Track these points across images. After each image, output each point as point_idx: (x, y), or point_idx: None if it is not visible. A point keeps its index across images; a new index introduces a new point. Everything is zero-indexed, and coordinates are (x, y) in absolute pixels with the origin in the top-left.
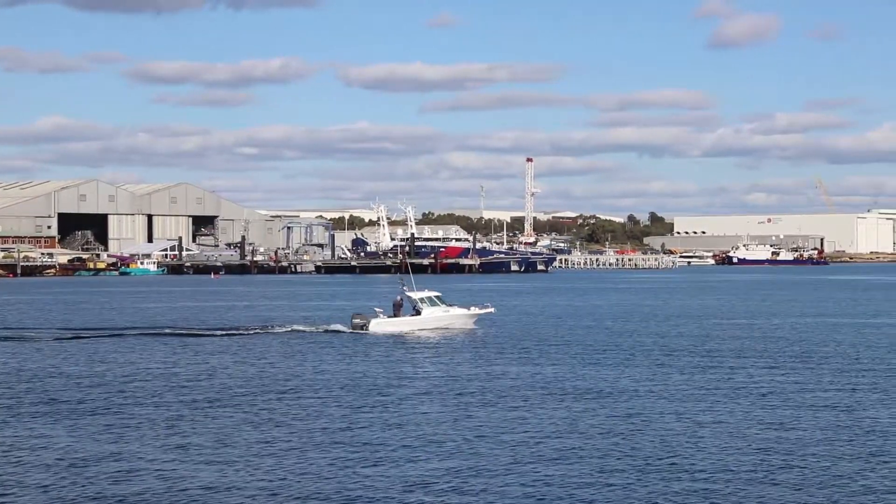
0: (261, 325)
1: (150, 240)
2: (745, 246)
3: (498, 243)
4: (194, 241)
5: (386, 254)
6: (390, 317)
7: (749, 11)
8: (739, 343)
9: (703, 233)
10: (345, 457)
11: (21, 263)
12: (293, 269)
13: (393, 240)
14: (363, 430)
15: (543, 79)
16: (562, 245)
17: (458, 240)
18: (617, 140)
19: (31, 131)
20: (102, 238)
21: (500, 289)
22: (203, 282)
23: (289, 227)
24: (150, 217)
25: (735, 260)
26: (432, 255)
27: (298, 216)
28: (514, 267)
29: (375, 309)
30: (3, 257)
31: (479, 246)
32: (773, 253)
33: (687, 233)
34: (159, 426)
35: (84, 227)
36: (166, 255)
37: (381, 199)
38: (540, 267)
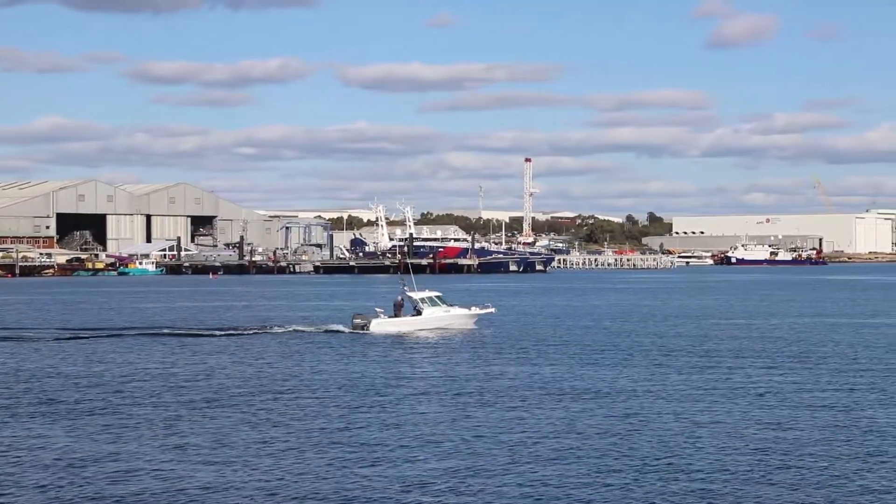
0: (260, 326)
1: (148, 240)
2: (743, 246)
3: (496, 243)
4: (193, 241)
5: (384, 254)
6: (391, 317)
7: (748, 11)
8: (738, 343)
9: (702, 233)
10: (343, 457)
11: (19, 264)
12: (292, 270)
13: (391, 240)
14: (361, 430)
15: (542, 79)
16: (560, 245)
17: (456, 240)
18: (615, 140)
19: (29, 131)
20: (101, 238)
21: (498, 289)
22: (201, 282)
23: (287, 228)
24: (148, 217)
25: (733, 260)
26: (431, 256)
27: (297, 216)
28: (513, 267)
29: (376, 309)
30: (2, 257)
31: (477, 246)
32: (771, 253)
33: (685, 233)
34: (157, 426)
35: (82, 227)
36: (165, 255)
37: (380, 199)
38: (538, 267)
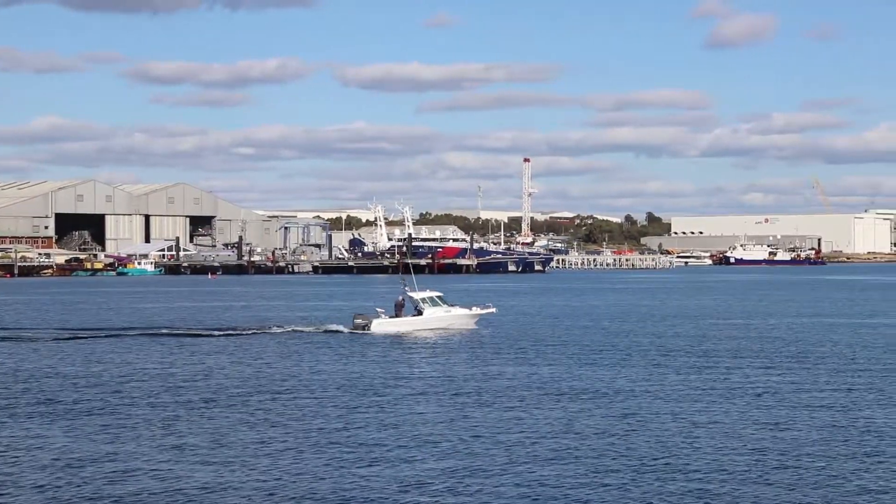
0: (259, 326)
1: (147, 240)
2: (742, 246)
3: (495, 243)
4: (191, 241)
5: (383, 254)
6: (392, 317)
7: (746, 11)
8: (736, 343)
9: (701, 233)
10: (341, 457)
11: (18, 264)
12: (290, 270)
13: (390, 240)
14: (359, 431)
15: (540, 79)
16: (559, 245)
17: (455, 240)
18: (614, 140)
19: (28, 131)
20: (100, 238)
21: (497, 289)
22: (200, 282)
23: (286, 228)
24: (147, 217)
25: (732, 260)
26: (429, 256)
27: (296, 216)
28: (512, 267)
29: (377, 309)
30: (1, 258)
31: (476, 246)
32: (770, 253)
33: (684, 233)
34: (156, 426)
35: (81, 227)
36: (163, 255)
37: (379, 199)
38: (537, 267)
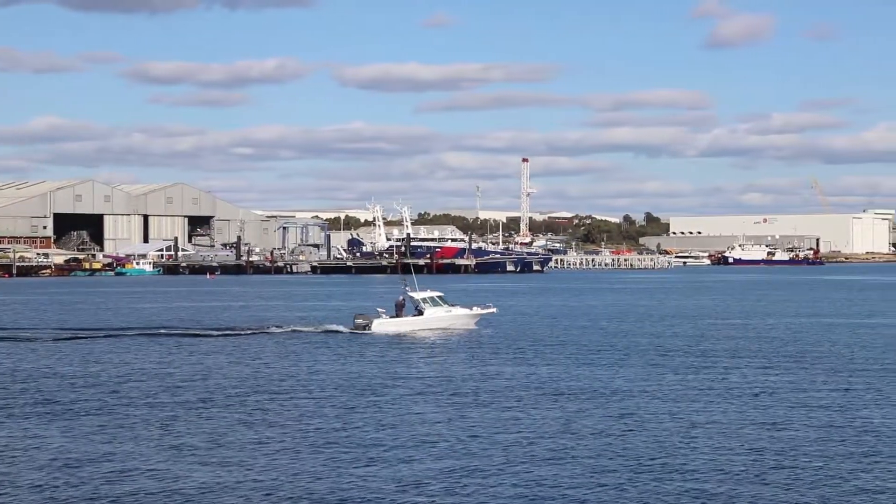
0: (258, 326)
1: (145, 240)
2: (740, 246)
3: (494, 243)
4: (190, 241)
5: (382, 254)
6: (393, 317)
7: (744, 11)
8: (734, 343)
9: (699, 233)
10: (338, 457)
11: (17, 264)
12: (289, 270)
13: (389, 240)
14: (357, 431)
15: (539, 79)
16: (557, 245)
17: (453, 240)
18: (612, 140)
19: (26, 131)
20: (98, 238)
21: (495, 289)
22: (199, 282)
23: (284, 228)
24: (145, 217)
25: (731, 260)
26: (428, 256)
27: (294, 216)
28: (510, 267)
29: (378, 309)
30: None
31: (474, 246)
32: (768, 253)
33: (682, 233)
34: (153, 426)
35: (80, 227)
36: (162, 255)
37: (377, 199)
38: (536, 267)
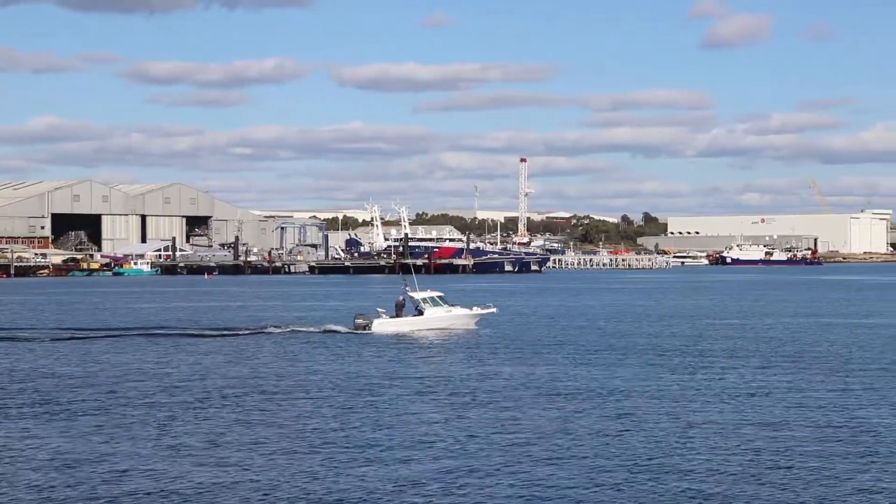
0: (256, 326)
1: (143, 240)
2: (738, 246)
3: (492, 243)
4: (188, 241)
5: (380, 254)
6: (393, 317)
7: (742, 11)
8: (732, 343)
9: (697, 233)
10: (336, 457)
11: (14, 264)
12: (287, 270)
13: (387, 240)
14: (355, 431)
15: (537, 79)
16: (555, 245)
17: (451, 240)
18: (610, 140)
19: (25, 131)
20: (96, 238)
21: (493, 289)
22: (197, 282)
23: (282, 228)
24: (143, 217)
25: (728, 260)
26: (426, 256)
27: (292, 216)
28: (508, 267)
29: (378, 309)
30: None
31: (472, 246)
32: (766, 253)
33: (680, 233)
34: (151, 427)
35: (78, 227)
36: (160, 255)
37: (375, 199)
38: (533, 267)
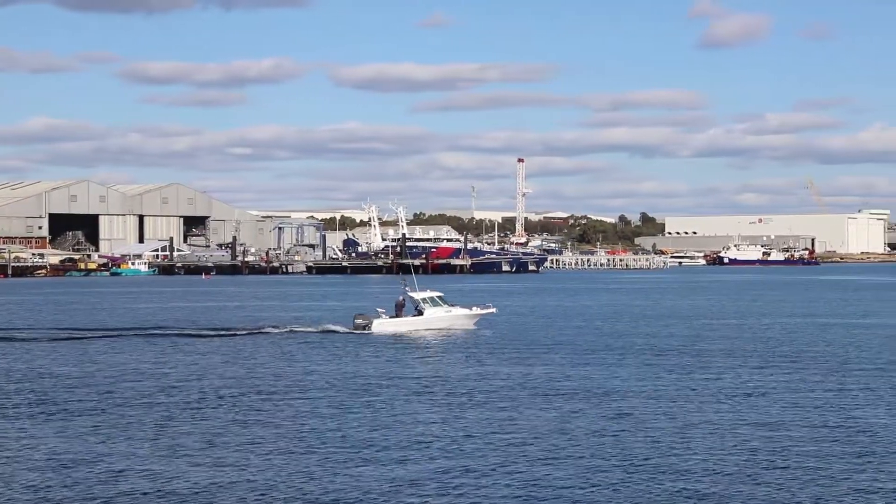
0: (254, 326)
1: (141, 240)
2: (735, 246)
3: (489, 243)
4: (185, 241)
5: (377, 254)
6: (392, 317)
7: (740, 11)
8: (729, 343)
9: (695, 233)
10: (333, 457)
11: (12, 264)
12: (284, 270)
13: (384, 240)
14: (352, 430)
15: (535, 79)
16: (553, 245)
17: (449, 240)
18: (608, 140)
19: (23, 131)
20: (93, 238)
21: (491, 289)
22: (194, 282)
23: (280, 228)
24: (141, 217)
25: (726, 260)
26: (423, 256)
27: (289, 216)
28: (506, 267)
29: (378, 309)
30: None
31: (470, 246)
32: (763, 253)
33: (678, 233)
34: (149, 427)
35: (75, 227)
36: (157, 255)
37: (372, 199)
38: (531, 267)
